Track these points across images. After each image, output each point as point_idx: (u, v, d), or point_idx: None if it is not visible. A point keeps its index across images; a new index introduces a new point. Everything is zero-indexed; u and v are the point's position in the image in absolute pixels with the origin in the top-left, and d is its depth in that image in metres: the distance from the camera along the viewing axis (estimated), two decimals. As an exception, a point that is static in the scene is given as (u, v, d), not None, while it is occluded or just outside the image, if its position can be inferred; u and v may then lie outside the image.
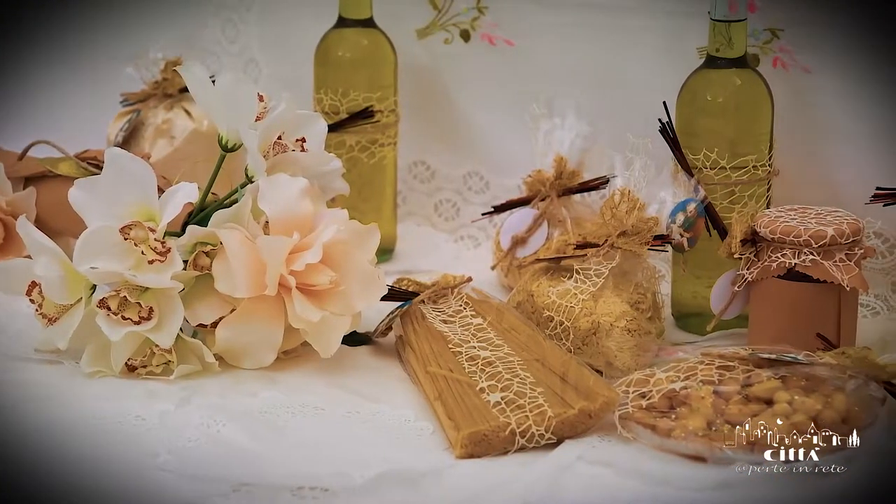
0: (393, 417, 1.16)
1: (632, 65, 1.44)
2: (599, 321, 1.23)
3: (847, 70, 1.34)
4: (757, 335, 1.22)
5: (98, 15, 1.64)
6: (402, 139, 1.53)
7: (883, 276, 1.36)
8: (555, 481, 1.06)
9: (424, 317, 1.27)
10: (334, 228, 1.21)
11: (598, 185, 1.38)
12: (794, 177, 1.35)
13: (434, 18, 1.54)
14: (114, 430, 1.12)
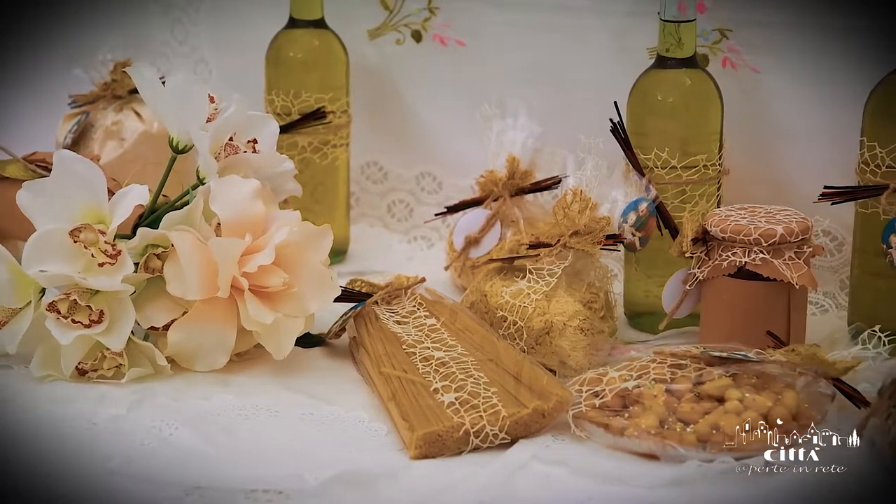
0: (347, 419, 1.16)
1: (583, 65, 1.45)
2: (553, 321, 1.23)
3: (795, 70, 1.35)
4: (708, 333, 1.23)
5: (46, 16, 1.62)
6: (355, 140, 1.52)
7: (831, 273, 1.37)
8: (509, 481, 1.06)
9: (378, 318, 1.27)
10: (287, 230, 1.20)
11: (550, 185, 1.39)
12: (744, 176, 1.36)
13: (385, 19, 1.54)
14: (65, 434, 1.11)
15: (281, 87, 1.46)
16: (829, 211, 1.27)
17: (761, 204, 1.25)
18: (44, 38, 1.62)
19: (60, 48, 1.60)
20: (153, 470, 1.06)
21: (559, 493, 1.05)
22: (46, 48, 1.62)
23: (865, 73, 1.26)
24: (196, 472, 1.06)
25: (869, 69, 1.26)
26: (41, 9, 1.62)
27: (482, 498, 1.04)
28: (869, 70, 1.26)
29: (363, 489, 1.05)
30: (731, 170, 1.33)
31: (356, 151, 1.54)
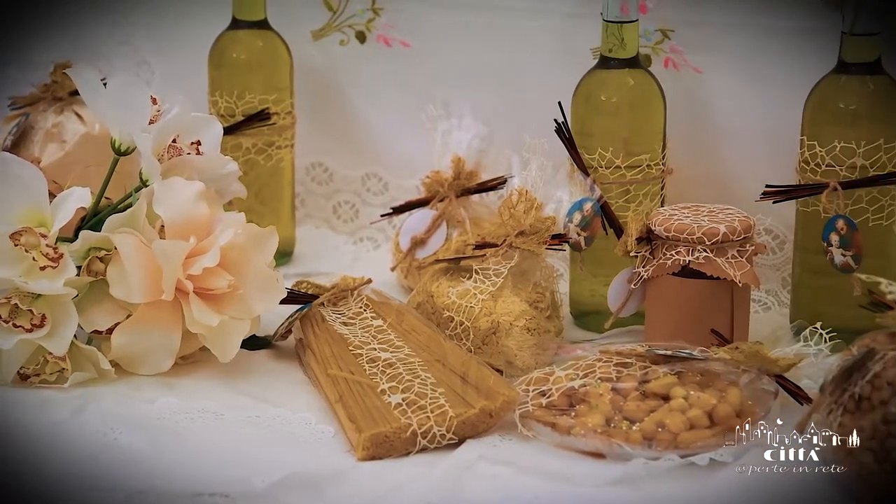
0: (293, 421, 1.15)
1: (527, 65, 1.45)
2: (499, 321, 1.23)
3: (736, 70, 1.36)
4: (653, 332, 1.24)
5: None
6: (300, 141, 1.52)
7: (773, 271, 1.39)
8: (457, 481, 1.06)
9: (324, 319, 1.27)
10: (231, 232, 1.20)
11: (495, 186, 1.39)
12: (687, 175, 1.38)
13: (329, 20, 1.53)
14: (7, 441, 1.10)
15: (224, 88, 1.45)
16: (771, 209, 1.28)
17: (704, 203, 1.26)
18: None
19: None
20: (97, 475, 1.05)
21: (507, 492, 1.05)
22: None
23: (805, 72, 1.27)
24: (141, 477, 1.05)
25: (808, 69, 1.27)
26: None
27: (430, 498, 1.04)
28: (808, 70, 1.27)
29: (310, 491, 1.05)
30: (675, 169, 1.34)
31: (301, 153, 1.54)
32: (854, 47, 1.23)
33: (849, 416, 1.02)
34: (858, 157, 1.23)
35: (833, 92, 1.25)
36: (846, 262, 1.23)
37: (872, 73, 1.24)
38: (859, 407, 1.01)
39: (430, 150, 1.43)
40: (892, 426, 0.99)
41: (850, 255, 1.23)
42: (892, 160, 1.24)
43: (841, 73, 1.24)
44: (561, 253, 1.37)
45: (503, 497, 1.05)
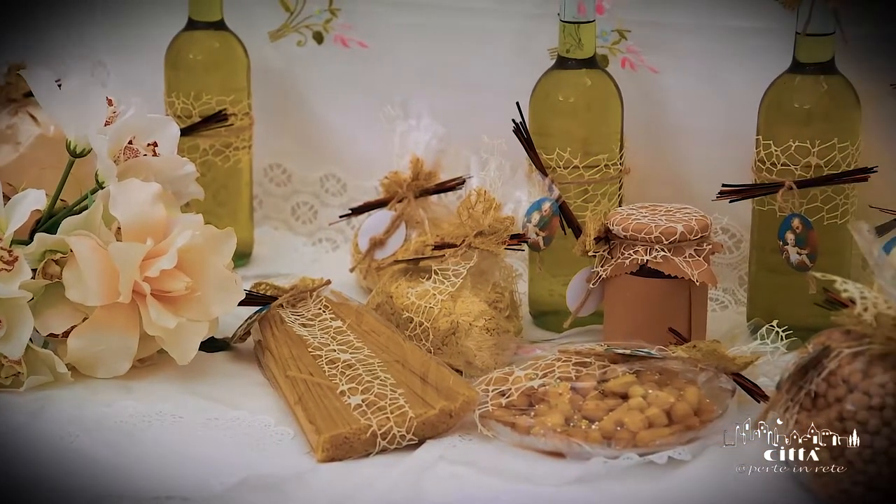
0: (253, 423, 1.15)
1: (485, 66, 1.45)
2: (458, 321, 1.23)
3: (692, 70, 1.37)
4: (612, 331, 1.24)
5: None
6: (257, 142, 1.51)
7: (730, 270, 1.40)
8: (417, 482, 1.06)
9: (283, 321, 1.27)
10: (189, 233, 1.19)
11: (454, 186, 1.39)
12: (645, 175, 1.38)
13: (286, 20, 1.53)
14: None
15: (181, 89, 1.45)
16: (728, 209, 1.29)
17: (662, 202, 1.27)
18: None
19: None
20: (56, 479, 1.04)
21: (467, 492, 1.05)
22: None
23: (760, 73, 1.28)
24: (100, 481, 1.05)
25: (764, 69, 1.28)
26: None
27: (390, 499, 1.04)
28: (764, 70, 1.28)
29: (270, 493, 1.04)
30: (632, 169, 1.35)
31: (259, 154, 1.53)
32: (808, 47, 1.24)
33: (805, 414, 1.03)
34: (813, 157, 1.24)
35: (788, 92, 1.26)
36: (802, 261, 1.24)
37: (826, 72, 1.25)
38: (815, 404, 1.02)
39: (388, 151, 1.43)
40: (847, 423, 1.00)
41: (806, 254, 1.24)
42: (846, 159, 1.25)
43: (795, 73, 1.25)
44: (520, 253, 1.37)
45: (463, 497, 1.05)
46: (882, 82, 1.28)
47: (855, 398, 1.00)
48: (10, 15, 1.58)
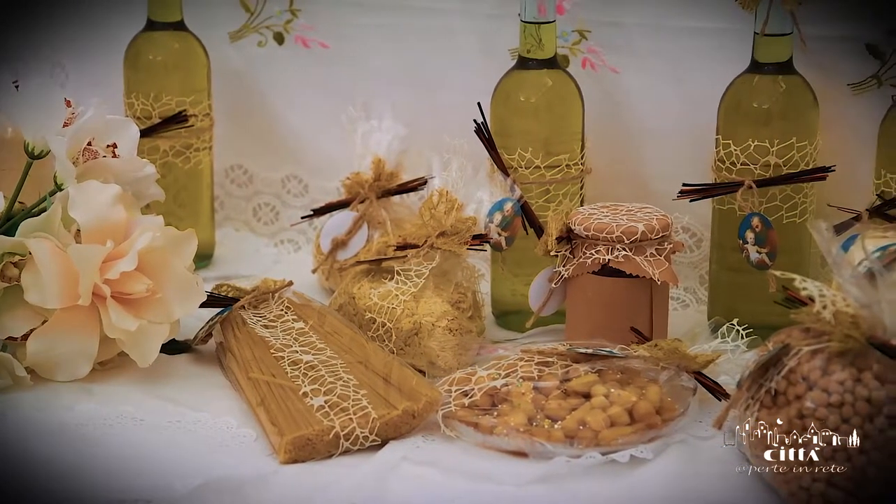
0: (215, 425, 1.15)
1: (446, 66, 1.45)
2: (421, 321, 1.23)
3: (653, 70, 1.38)
4: (574, 330, 1.25)
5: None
6: (218, 143, 1.51)
7: (691, 269, 1.41)
8: (380, 482, 1.06)
9: (245, 322, 1.26)
10: (149, 235, 1.19)
11: (416, 187, 1.39)
12: (606, 174, 1.39)
13: (246, 21, 1.52)
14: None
15: (141, 90, 1.44)
16: (688, 208, 1.30)
17: (623, 202, 1.27)
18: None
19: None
20: (16, 483, 1.04)
21: (430, 492, 1.05)
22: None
23: (720, 73, 1.29)
24: (61, 484, 1.04)
25: (722, 69, 1.29)
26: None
27: (353, 500, 1.04)
28: (723, 70, 1.29)
29: (232, 496, 1.04)
30: (594, 169, 1.35)
31: (220, 155, 1.52)
32: (766, 48, 1.25)
33: (765, 412, 1.04)
34: (772, 156, 1.25)
35: (746, 91, 1.26)
36: (761, 260, 1.25)
37: (784, 72, 1.26)
38: (775, 402, 1.03)
39: (350, 152, 1.43)
40: (807, 420, 1.00)
41: (766, 253, 1.25)
42: (805, 158, 1.26)
43: (754, 73, 1.26)
44: (482, 253, 1.38)
45: (427, 497, 1.05)
46: (839, 82, 1.30)
47: (814, 395, 1.00)
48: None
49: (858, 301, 1.01)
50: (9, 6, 1.57)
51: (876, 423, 0.99)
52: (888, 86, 1.28)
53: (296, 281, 1.33)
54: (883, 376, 1.00)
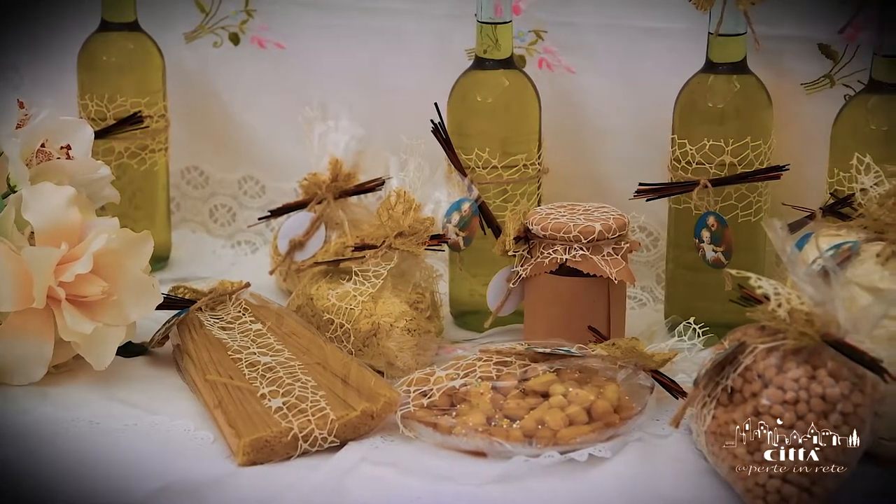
0: (172, 428, 1.14)
1: (403, 67, 1.45)
2: (379, 322, 1.23)
3: (609, 70, 1.38)
4: (532, 330, 1.25)
5: None
6: (174, 145, 1.50)
7: (648, 268, 1.41)
8: (339, 484, 1.06)
9: (202, 324, 1.26)
10: (105, 237, 1.18)
11: (374, 187, 1.39)
12: (563, 174, 1.39)
13: (202, 21, 1.51)
14: None
15: (95, 91, 1.43)
16: (645, 207, 1.30)
17: (580, 202, 1.28)
18: None
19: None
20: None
21: (389, 493, 1.05)
22: None
23: (675, 72, 1.30)
24: (16, 490, 1.03)
25: (678, 69, 1.30)
26: None
27: (312, 502, 1.04)
28: (678, 70, 1.30)
29: (190, 499, 1.04)
30: (551, 169, 1.36)
31: (176, 156, 1.52)
32: (720, 48, 1.26)
33: (722, 409, 1.04)
34: (727, 155, 1.26)
35: (701, 91, 1.27)
36: (717, 258, 1.26)
37: (739, 72, 1.27)
38: (732, 400, 1.04)
39: (307, 153, 1.43)
40: (763, 418, 1.01)
41: (721, 251, 1.26)
42: (759, 157, 1.27)
43: (709, 72, 1.27)
44: (440, 253, 1.38)
45: (386, 498, 1.05)
46: (792, 81, 1.31)
47: (770, 393, 1.01)
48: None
49: (813, 299, 1.02)
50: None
51: (830, 420, 1.00)
52: (841, 85, 1.29)
53: (253, 282, 1.32)
54: (837, 373, 1.01)
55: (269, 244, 1.48)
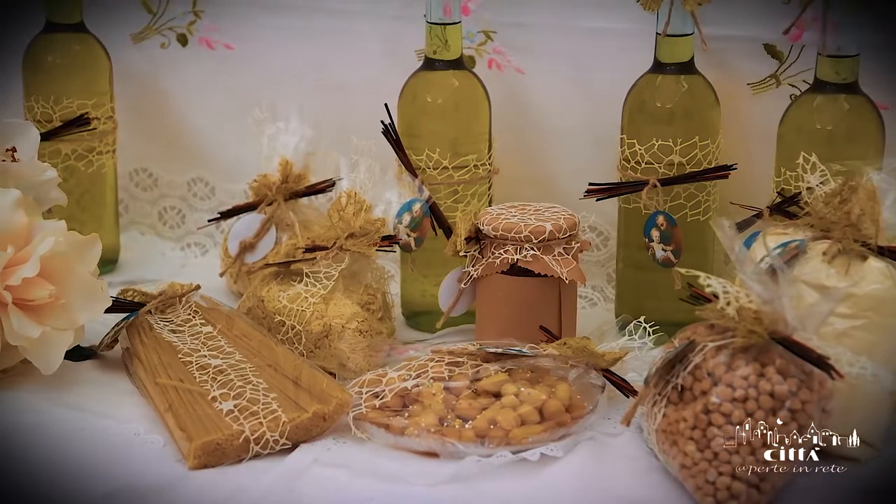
0: (122, 432, 1.13)
1: (353, 67, 1.45)
2: (331, 323, 1.23)
3: (558, 71, 1.39)
4: (484, 330, 1.25)
5: None
6: (122, 147, 1.49)
7: (599, 268, 1.42)
8: (291, 486, 1.06)
9: (152, 327, 1.25)
10: (52, 240, 1.17)
11: (324, 188, 1.39)
12: (514, 175, 1.40)
13: (149, 22, 1.50)
14: None
15: (41, 93, 1.41)
16: (595, 207, 1.31)
17: (530, 202, 1.28)
18: None
19: None
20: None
21: (341, 494, 1.05)
22: None
23: (623, 73, 1.31)
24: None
25: (626, 70, 1.30)
26: None
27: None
28: (626, 70, 1.30)
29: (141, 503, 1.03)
30: (501, 169, 1.36)
31: (124, 158, 1.50)
32: (668, 48, 1.27)
33: (672, 407, 1.05)
34: (676, 155, 1.27)
35: (649, 91, 1.28)
36: (667, 257, 1.27)
37: (686, 72, 1.28)
38: (682, 398, 1.05)
39: (256, 154, 1.42)
40: (712, 415, 1.02)
41: (671, 250, 1.27)
42: (707, 157, 1.28)
43: (657, 73, 1.28)
44: (392, 254, 1.38)
45: (338, 500, 1.05)
46: (739, 81, 1.32)
47: (719, 391, 1.02)
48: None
49: (761, 297, 1.03)
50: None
51: (779, 417, 1.01)
52: (786, 85, 1.31)
53: (203, 284, 1.31)
54: (785, 370, 1.02)
55: (219, 246, 1.47)
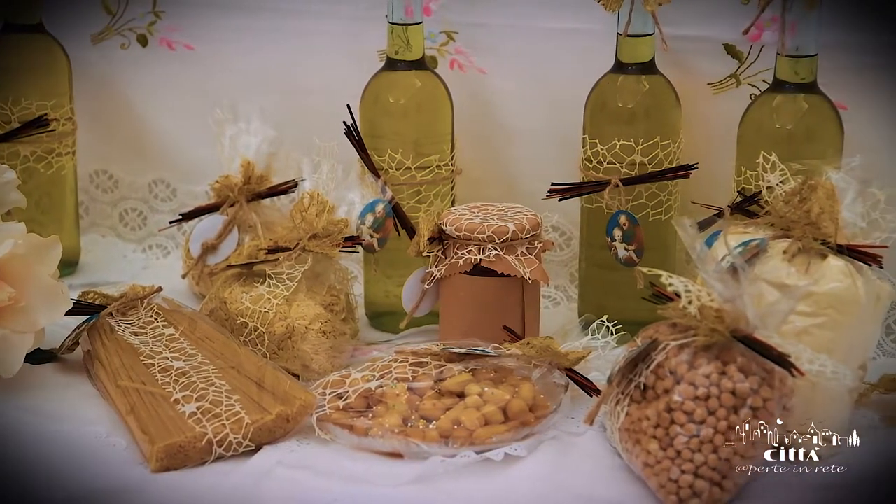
0: (83, 435, 1.12)
1: (314, 68, 1.45)
2: (294, 325, 1.23)
3: (520, 71, 1.39)
4: (448, 330, 1.25)
5: None
6: (81, 148, 1.48)
7: (562, 267, 1.42)
8: (255, 488, 1.05)
9: (113, 330, 1.24)
10: (11, 243, 1.16)
11: (286, 189, 1.38)
12: (476, 175, 1.40)
13: (108, 23, 1.49)
14: None
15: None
16: (557, 207, 1.31)
17: (493, 202, 1.28)
18: None
19: None
20: None
21: (305, 496, 1.05)
22: None
23: (585, 73, 1.31)
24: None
25: (588, 70, 1.31)
26: None
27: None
28: (588, 70, 1.31)
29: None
30: (464, 169, 1.36)
31: (83, 160, 1.49)
32: (629, 48, 1.27)
33: (635, 406, 1.05)
34: (637, 155, 1.28)
35: (611, 91, 1.29)
36: (629, 257, 1.27)
37: (647, 72, 1.28)
38: (645, 396, 1.05)
39: (218, 155, 1.41)
40: (675, 414, 1.03)
41: (633, 250, 1.27)
42: (669, 157, 1.29)
43: (618, 73, 1.29)
44: (355, 255, 1.37)
45: (302, 501, 1.05)
46: (699, 81, 1.33)
47: (681, 389, 1.03)
48: None
49: (722, 296, 1.04)
50: None
51: (741, 415, 1.02)
52: (746, 85, 1.32)
53: (165, 286, 1.31)
54: (747, 368, 1.03)
55: (181, 248, 1.46)
